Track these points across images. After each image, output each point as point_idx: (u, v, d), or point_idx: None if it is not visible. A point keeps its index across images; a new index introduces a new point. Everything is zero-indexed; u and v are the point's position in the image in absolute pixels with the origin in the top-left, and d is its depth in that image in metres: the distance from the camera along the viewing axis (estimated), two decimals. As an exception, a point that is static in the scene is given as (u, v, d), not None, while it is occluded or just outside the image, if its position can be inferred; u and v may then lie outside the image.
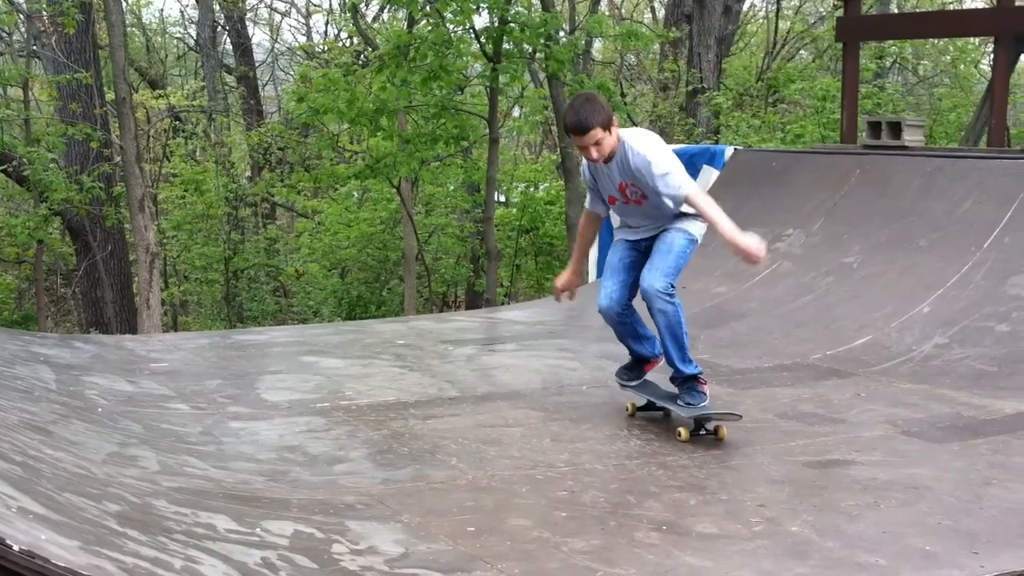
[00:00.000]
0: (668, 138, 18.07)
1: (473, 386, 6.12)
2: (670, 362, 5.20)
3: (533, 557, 3.57)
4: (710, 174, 9.78)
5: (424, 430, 5.14)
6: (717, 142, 15.57)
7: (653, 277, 5.08)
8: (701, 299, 8.13)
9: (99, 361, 6.51)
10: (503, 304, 16.01)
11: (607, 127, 4.93)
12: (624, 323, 5.34)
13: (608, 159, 5.03)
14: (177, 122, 22.89)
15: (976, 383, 5.94)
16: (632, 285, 5.29)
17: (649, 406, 5.43)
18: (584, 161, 5.20)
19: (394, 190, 18.00)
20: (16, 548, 2.65)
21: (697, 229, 5.25)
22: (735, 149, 10.22)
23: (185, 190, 20.40)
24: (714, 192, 9.64)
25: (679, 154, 10.13)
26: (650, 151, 4.98)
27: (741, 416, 5.12)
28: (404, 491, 4.23)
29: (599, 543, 3.71)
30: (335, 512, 3.92)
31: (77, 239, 17.56)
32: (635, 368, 5.45)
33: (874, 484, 4.31)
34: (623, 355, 6.92)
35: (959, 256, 7.22)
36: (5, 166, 16.69)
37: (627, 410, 5.45)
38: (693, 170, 9.94)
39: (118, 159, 16.06)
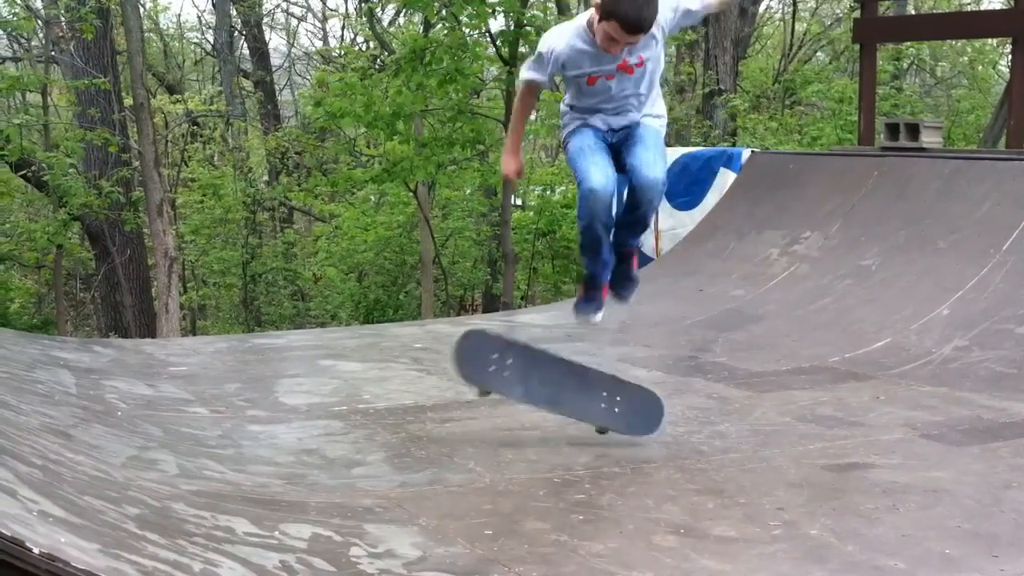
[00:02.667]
0: (685, 141, 18.09)
1: (490, 389, 6.11)
2: (626, 237, 4.89)
3: (550, 560, 3.57)
4: (727, 176, 9.78)
5: (441, 433, 5.14)
6: (734, 144, 15.55)
7: (656, 167, 4.68)
8: (718, 302, 8.12)
9: (118, 365, 6.54)
10: (520, 307, 16.01)
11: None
12: (609, 218, 4.79)
13: None
14: (195, 127, 22.98)
15: (996, 386, 5.91)
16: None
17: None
18: (552, 54, 4.63)
19: (411, 194, 18.03)
20: (36, 551, 2.67)
21: (664, 123, 4.91)
22: (752, 151, 10.21)
23: (203, 195, 20.49)
24: (731, 195, 9.66)
25: (696, 157, 10.25)
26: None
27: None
28: (421, 494, 4.24)
29: (616, 546, 3.70)
30: (353, 515, 3.93)
31: (96, 244, 17.64)
32: (597, 294, 4.99)
33: (893, 487, 4.30)
34: (642, 358, 6.93)
35: (978, 258, 7.19)
36: (24, 171, 16.79)
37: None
38: (710, 172, 9.95)
39: (136, 164, 16.15)
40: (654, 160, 4.69)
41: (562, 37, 4.70)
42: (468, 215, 20.63)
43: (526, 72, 4.87)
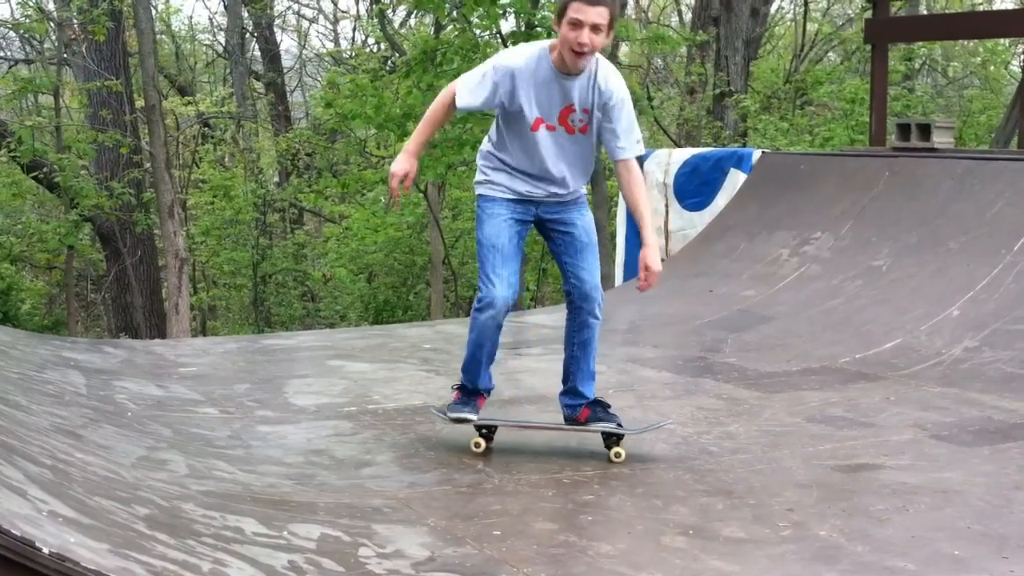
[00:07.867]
0: (695, 141, 18.07)
1: (499, 390, 6.08)
2: (583, 383, 4.71)
3: (559, 561, 3.57)
4: (738, 177, 9.75)
5: (451, 434, 5.14)
6: (745, 145, 15.54)
7: (597, 280, 4.59)
8: (729, 302, 8.11)
9: (129, 366, 6.56)
10: (529, 308, 16.01)
11: (612, 24, 4.25)
12: (499, 334, 4.56)
13: (576, 72, 4.29)
14: (206, 128, 23.06)
15: (1007, 386, 5.88)
16: None
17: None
18: (506, 69, 4.30)
19: (421, 195, 18.06)
20: (46, 551, 2.67)
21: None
22: (763, 152, 10.18)
23: (214, 196, 20.57)
24: (741, 195, 9.63)
25: (707, 157, 10.23)
26: (625, 91, 4.41)
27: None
28: (430, 495, 4.24)
29: (625, 547, 3.70)
30: (362, 515, 3.93)
31: (107, 245, 17.71)
32: (475, 400, 4.79)
33: (903, 488, 4.29)
34: (651, 359, 6.93)
35: (989, 258, 7.17)
36: (36, 173, 16.87)
37: (476, 447, 4.77)
38: (720, 173, 9.93)
39: (148, 165, 16.21)
40: (596, 270, 4.60)
41: (520, 55, 4.38)
42: (478, 216, 20.61)
43: (460, 94, 4.42)
